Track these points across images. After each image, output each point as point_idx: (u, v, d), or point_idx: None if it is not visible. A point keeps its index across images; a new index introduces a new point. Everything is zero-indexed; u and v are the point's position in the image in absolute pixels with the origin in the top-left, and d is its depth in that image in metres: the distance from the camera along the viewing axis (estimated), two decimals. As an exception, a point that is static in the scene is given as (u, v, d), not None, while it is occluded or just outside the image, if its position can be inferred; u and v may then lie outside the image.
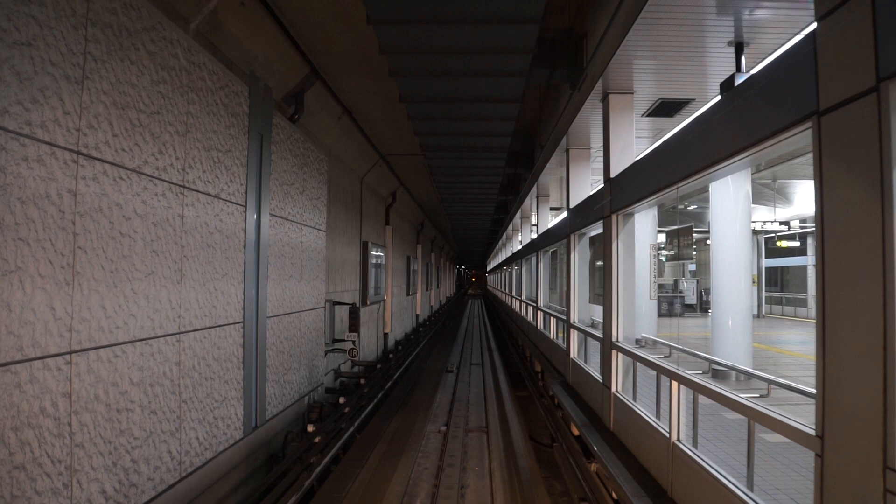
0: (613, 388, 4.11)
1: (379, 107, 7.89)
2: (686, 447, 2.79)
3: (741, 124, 2.45)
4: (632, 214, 4.17)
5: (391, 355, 10.50)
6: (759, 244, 17.45)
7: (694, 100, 4.55)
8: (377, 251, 11.19)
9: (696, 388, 2.69)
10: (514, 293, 16.31)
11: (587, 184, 6.08)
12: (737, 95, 2.49)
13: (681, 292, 19.17)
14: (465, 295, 61.22)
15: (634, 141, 4.32)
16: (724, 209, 6.31)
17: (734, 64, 3.46)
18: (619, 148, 4.28)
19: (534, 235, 12.55)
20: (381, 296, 11.63)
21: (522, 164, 8.90)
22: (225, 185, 4.10)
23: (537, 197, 9.86)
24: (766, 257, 18.53)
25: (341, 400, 6.21)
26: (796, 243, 16.95)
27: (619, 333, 4.09)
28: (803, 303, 18.66)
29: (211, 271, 3.88)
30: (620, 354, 4.05)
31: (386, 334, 12.64)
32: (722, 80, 3.46)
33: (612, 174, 4.26)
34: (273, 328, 5.06)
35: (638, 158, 3.82)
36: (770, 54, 3.52)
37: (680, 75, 4.14)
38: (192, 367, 3.62)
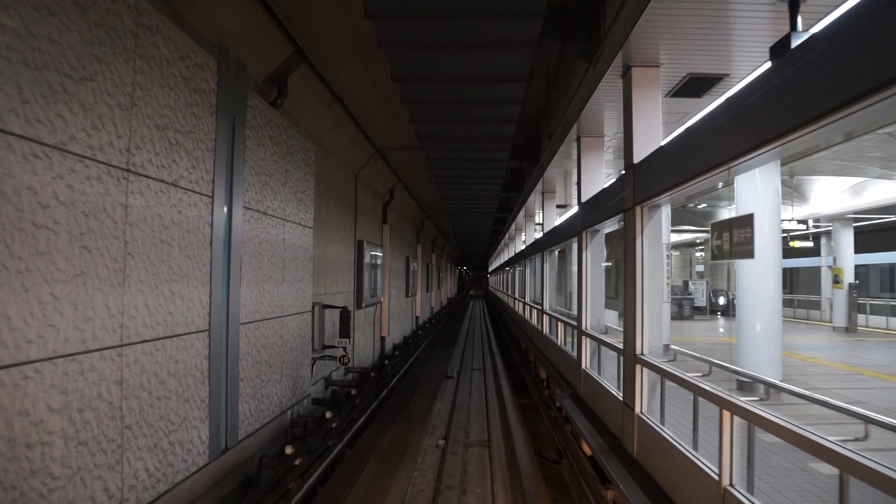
0: (637, 409, 3.52)
1: (373, 95, 7.31)
2: (745, 498, 2.21)
3: (808, 90, 1.90)
4: (658, 206, 3.58)
5: (387, 361, 9.91)
6: (771, 244, 16.82)
7: (727, 75, 3.96)
8: (373, 251, 10.61)
9: (761, 424, 2.11)
10: (517, 295, 15.71)
11: (601, 176, 5.49)
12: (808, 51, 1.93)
13: (690, 294, 18.54)
14: (466, 296, 61.92)
15: (661, 121, 3.74)
16: (752, 205, 5.73)
17: (787, 23, 2.88)
18: (644, 129, 3.70)
19: (538, 235, 11.96)
20: (377, 298, 11.05)
21: (527, 158, 8.31)
22: (185, 171, 3.53)
23: (543, 193, 9.27)
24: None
25: (328, 414, 5.62)
26: (809, 243, 16.34)
27: (644, 345, 3.51)
28: (816, 305, 18.02)
29: (166, 272, 3.31)
30: (646, 370, 3.47)
31: (383, 338, 12.05)
32: (772, 45, 2.87)
33: (636, 160, 3.67)
34: (248, 336, 4.48)
35: (670, 139, 3.24)
36: (831, 11, 2.94)
37: (714, 44, 3.56)
38: (139, 386, 3.04)
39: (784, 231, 18.37)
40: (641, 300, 3.50)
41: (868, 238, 17.28)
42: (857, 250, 14.54)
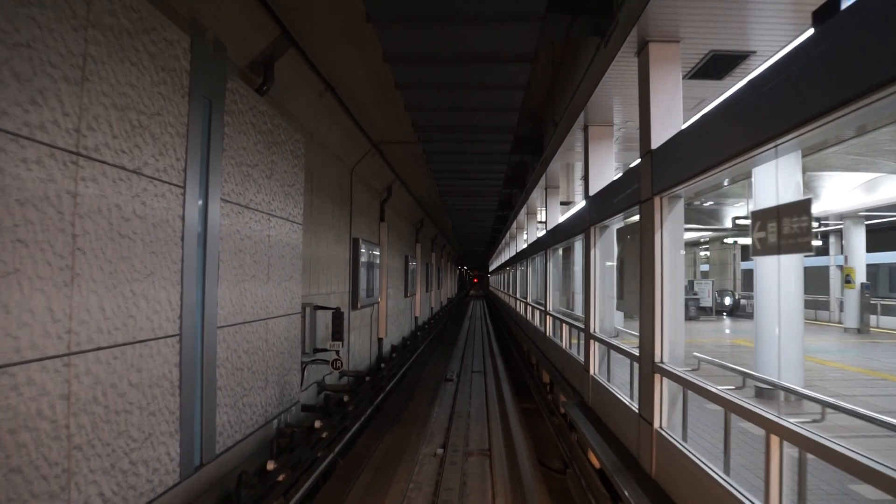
0: (656, 424, 3.15)
1: (368, 85, 6.94)
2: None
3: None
4: (679, 197, 3.20)
5: (383, 364, 9.53)
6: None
7: (754, 53, 3.58)
8: (370, 249, 10.25)
9: (827, 456, 1.73)
10: (518, 295, 15.33)
11: (610, 168, 5.12)
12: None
13: (695, 294, 18.15)
14: (466, 296, 62.02)
15: (682, 102, 3.36)
16: (773, 196, 5.35)
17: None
18: (663, 111, 3.32)
19: (540, 233, 11.58)
20: (374, 298, 10.68)
21: (530, 151, 7.93)
22: (151, 158, 3.16)
23: (546, 189, 8.88)
24: (784, 257, 17.50)
25: (317, 424, 5.25)
26: (818, 242, 15.93)
27: (665, 352, 3.14)
28: (824, 305, 17.62)
29: (127, 270, 2.94)
30: (667, 381, 3.10)
31: (381, 339, 11.68)
32: (815, 9, 2.49)
33: (654, 145, 3.29)
34: (227, 341, 4.11)
35: (695, 119, 2.87)
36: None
37: (742, 16, 3.18)
38: (91, 400, 2.67)
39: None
40: (661, 302, 3.13)
41: (877, 236, 16.89)
42: (868, 249, 14.15)
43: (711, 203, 15.79)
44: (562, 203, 9.84)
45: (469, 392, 10.55)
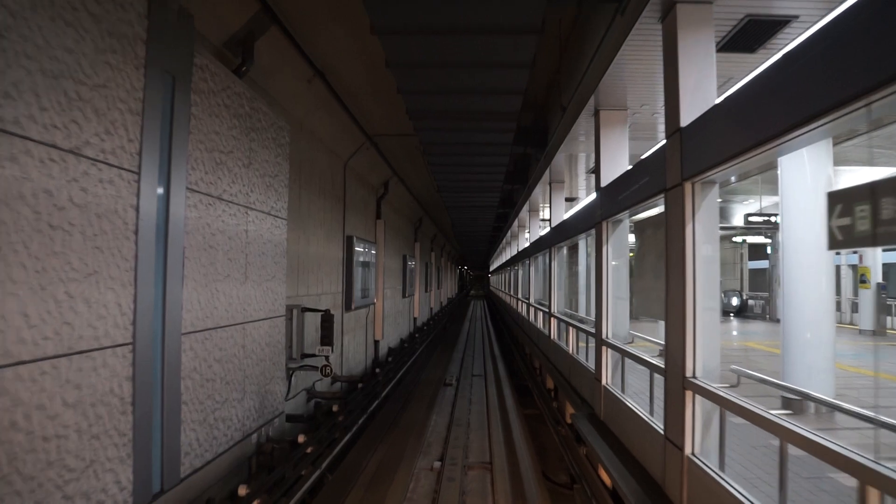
0: (688, 449, 2.68)
1: (361, 74, 6.47)
2: None
3: None
4: (713, 183, 2.73)
5: (378, 370, 9.07)
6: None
7: (796, 18, 3.11)
8: (365, 248, 9.78)
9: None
10: (520, 296, 14.85)
11: (623, 156, 4.64)
12: None
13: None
14: (467, 296, 61.81)
15: (715, 72, 2.89)
16: (801, 190, 4.89)
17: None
18: (692, 84, 2.85)
19: (542, 232, 11.11)
20: (370, 299, 10.21)
21: (533, 143, 7.46)
22: (94, 136, 2.69)
23: (550, 183, 8.41)
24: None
25: (301, 439, 4.78)
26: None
27: (698, 365, 2.67)
28: (836, 306, 17.14)
29: (60, 268, 2.47)
30: (701, 399, 2.63)
31: (377, 342, 11.20)
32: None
33: (684, 122, 2.82)
34: (195, 348, 3.64)
35: (740, 87, 2.39)
36: None
37: (787, -29, 2.71)
38: (8, 426, 2.20)
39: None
40: (693, 305, 2.66)
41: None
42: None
43: (721, 200, 15.32)
44: (567, 199, 9.38)
45: (469, 397, 10.08)
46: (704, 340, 2.68)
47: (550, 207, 8.56)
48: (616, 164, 4.58)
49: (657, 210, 3.82)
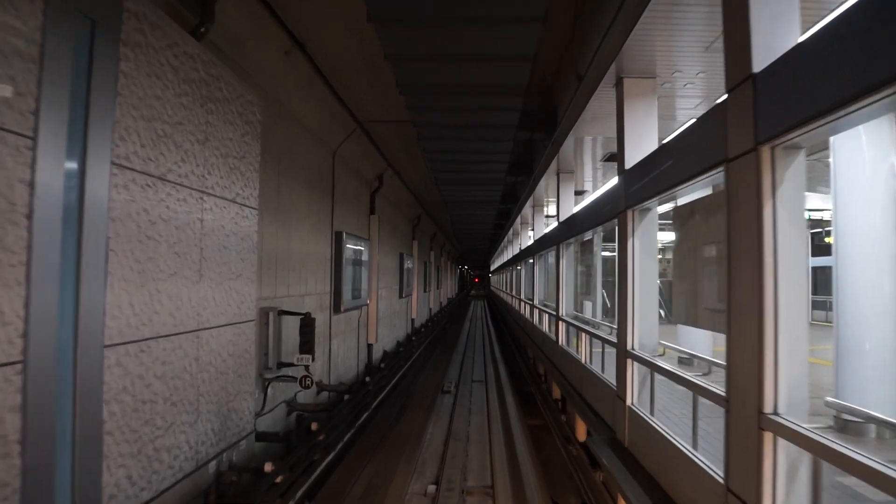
0: (765, 511, 1.95)
1: (349, 47, 5.74)
2: None
3: None
4: (800, 148, 2.01)
5: (368, 378, 8.34)
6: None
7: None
8: (357, 245, 9.06)
9: None
10: (523, 296, 14.10)
11: (652, 132, 3.91)
12: None
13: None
14: (467, 296, 61.36)
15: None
16: (861, 175, 4.18)
17: None
18: (768, 14, 2.13)
19: (548, 228, 10.37)
20: (362, 300, 9.49)
21: (539, 128, 6.73)
22: (-45, 82, 1.96)
23: (558, 174, 7.67)
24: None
25: (268, 467, 4.05)
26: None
27: (781, 396, 1.94)
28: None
29: None
30: (785, 444, 1.90)
31: (370, 345, 10.48)
32: None
33: (757, 66, 2.09)
34: (123, 364, 2.92)
35: (849, 7, 1.67)
36: None
37: None
38: None
39: (817, 225, 16.76)
40: (774, 314, 1.94)
41: None
42: None
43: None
44: (576, 193, 8.66)
45: (468, 406, 9.35)
46: (791, 360, 1.96)
47: (558, 201, 7.83)
48: (644, 143, 3.85)
49: (698, 194, 3.10)
